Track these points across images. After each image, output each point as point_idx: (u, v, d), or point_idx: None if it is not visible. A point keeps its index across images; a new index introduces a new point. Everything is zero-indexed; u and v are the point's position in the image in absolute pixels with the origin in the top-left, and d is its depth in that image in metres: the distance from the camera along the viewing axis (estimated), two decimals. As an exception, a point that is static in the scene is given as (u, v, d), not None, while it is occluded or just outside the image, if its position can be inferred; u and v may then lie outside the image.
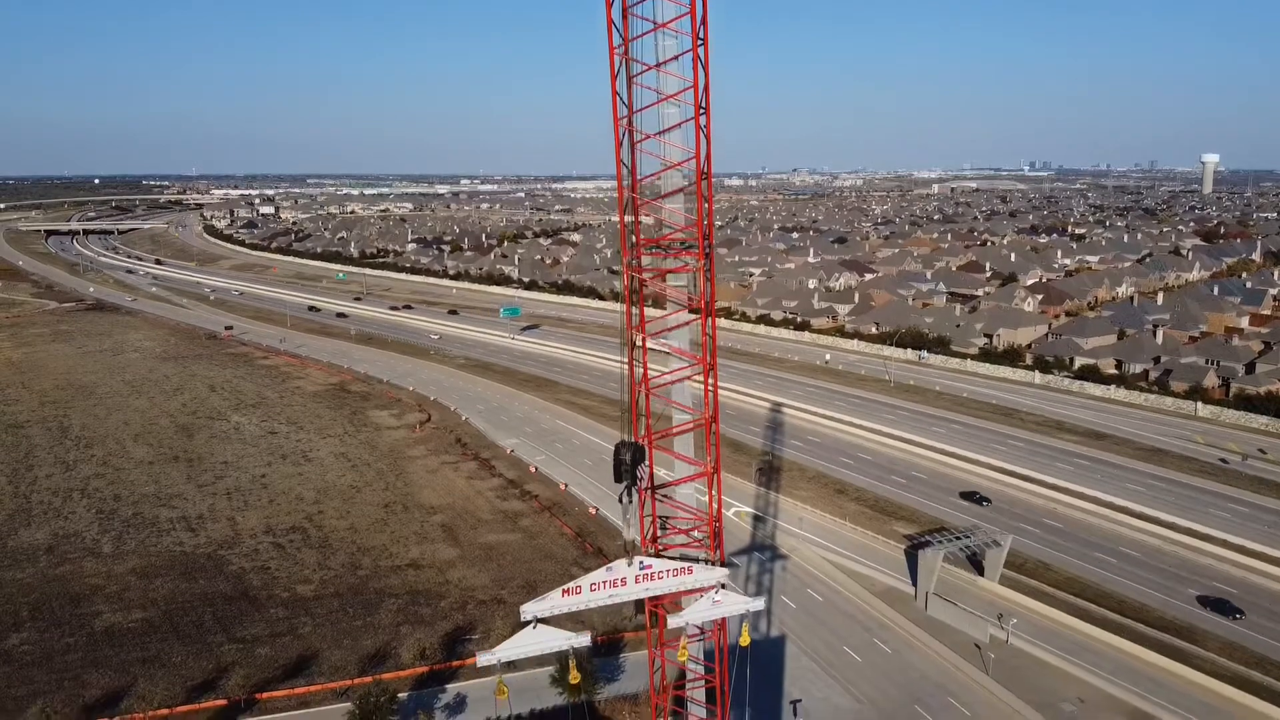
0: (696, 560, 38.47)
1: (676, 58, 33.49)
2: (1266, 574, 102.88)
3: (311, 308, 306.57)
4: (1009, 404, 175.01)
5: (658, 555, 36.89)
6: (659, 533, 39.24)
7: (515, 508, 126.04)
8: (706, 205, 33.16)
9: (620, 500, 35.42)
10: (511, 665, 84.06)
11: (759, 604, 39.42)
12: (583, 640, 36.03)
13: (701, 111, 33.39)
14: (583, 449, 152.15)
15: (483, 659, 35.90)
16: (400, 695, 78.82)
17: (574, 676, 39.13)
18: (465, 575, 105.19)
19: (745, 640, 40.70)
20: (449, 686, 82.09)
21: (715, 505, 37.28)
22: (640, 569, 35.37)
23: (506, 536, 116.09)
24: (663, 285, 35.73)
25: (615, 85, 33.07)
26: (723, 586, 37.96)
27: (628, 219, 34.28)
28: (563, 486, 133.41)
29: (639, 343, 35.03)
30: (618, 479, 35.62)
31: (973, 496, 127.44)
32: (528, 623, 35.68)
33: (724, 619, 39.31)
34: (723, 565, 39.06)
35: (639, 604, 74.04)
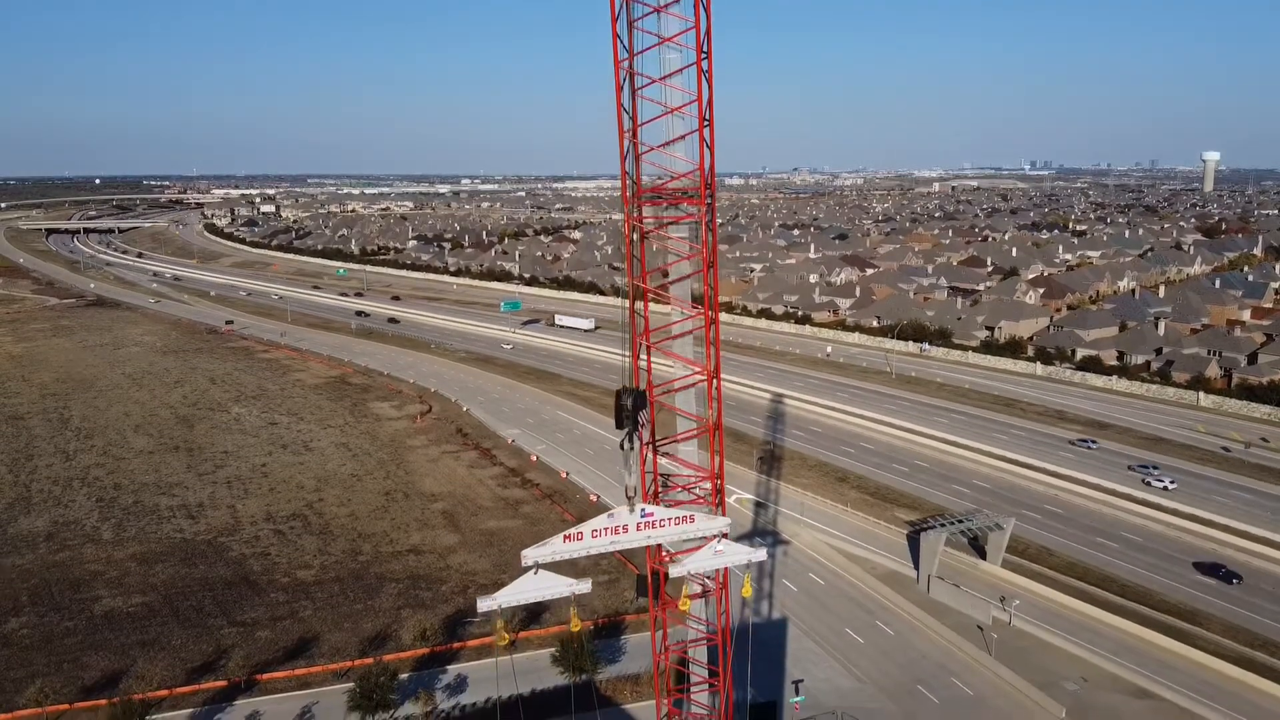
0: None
1: (677, 0, 33.29)
2: (1268, 558, 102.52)
3: (360, 313, 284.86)
4: (1010, 395, 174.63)
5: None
6: (660, 490, 38.91)
7: (516, 495, 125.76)
8: (709, 151, 32.92)
9: (621, 447, 35.14)
10: (513, 645, 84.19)
11: (761, 554, 39.18)
12: (583, 587, 35.78)
13: (704, 55, 33.16)
14: (584, 439, 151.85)
15: (483, 604, 35.62)
16: (401, 676, 78.57)
17: (574, 624, 38.75)
18: (466, 560, 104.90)
19: (747, 591, 40.47)
20: (450, 667, 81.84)
21: (717, 460, 36.97)
22: (642, 516, 35.11)
23: (507, 523, 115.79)
24: (664, 233, 35.50)
25: (616, 28, 32.81)
26: (724, 536, 37.71)
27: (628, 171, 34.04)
28: (563, 475, 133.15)
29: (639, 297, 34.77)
30: (619, 425, 35.32)
31: (1216, 571, 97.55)
32: (528, 568, 35.47)
33: (725, 570, 38.97)
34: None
35: (640, 587, 73.41)
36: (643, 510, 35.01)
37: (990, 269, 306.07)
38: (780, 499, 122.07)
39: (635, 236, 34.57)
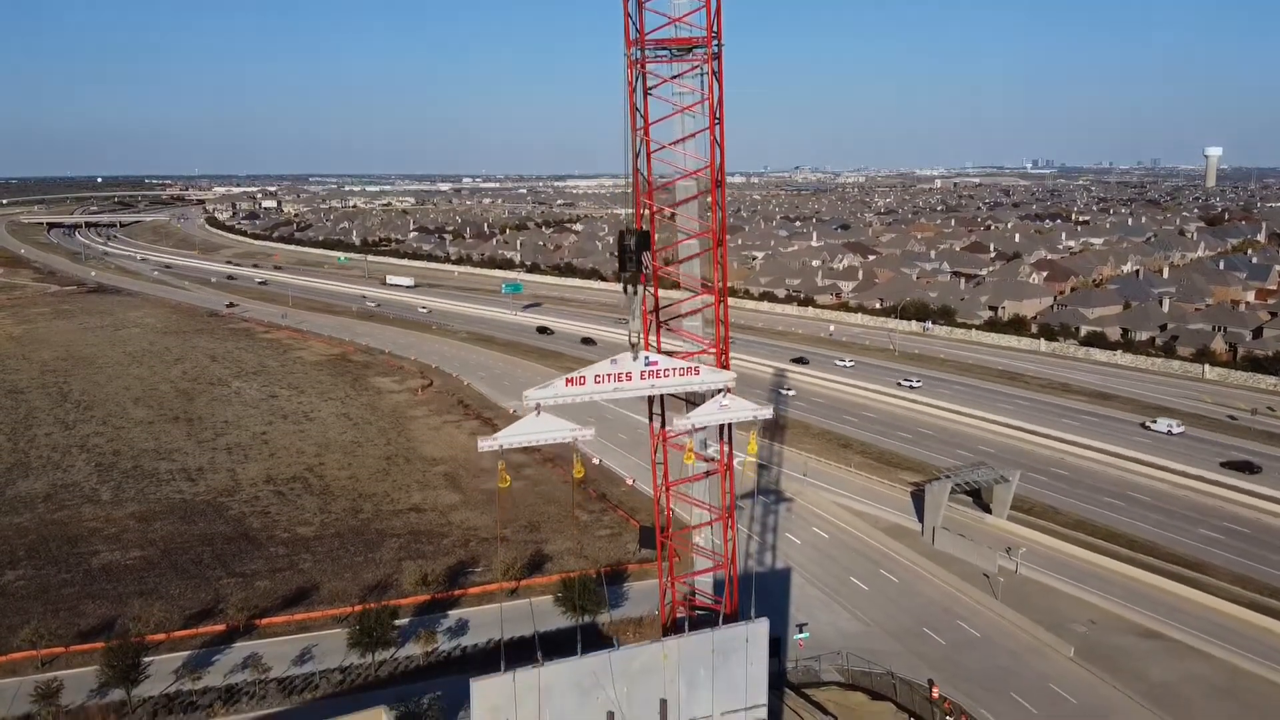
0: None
1: None
2: (1276, 514, 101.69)
3: (542, 329, 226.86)
4: (1014, 369, 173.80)
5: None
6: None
7: (518, 459, 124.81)
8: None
9: (624, 291, 34.32)
10: (514, 593, 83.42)
11: (767, 411, 38.46)
12: (587, 433, 35.00)
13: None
14: (586, 409, 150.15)
15: (483, 444, 34.95)
16: (401, 621, 77.68)
17: (578, 471, 38.02)
18: (468, 517, 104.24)
19: (753, 449, 39.75)
20: (451, 612, 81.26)
21: (721, 329, 36.16)
22: (646, 365, 34.30)
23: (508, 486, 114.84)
24: (667, 78, 34.74)
25: None
26: (729, 391, 36.87)
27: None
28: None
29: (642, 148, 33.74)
30: (622, 268, 34.50)
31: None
32: (531, 409, 34.65)
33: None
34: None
35: (643, 539, 72.32)
36: (647, 358, 34.21)
37: (993, 255, 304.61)
38: (784, 461, 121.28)
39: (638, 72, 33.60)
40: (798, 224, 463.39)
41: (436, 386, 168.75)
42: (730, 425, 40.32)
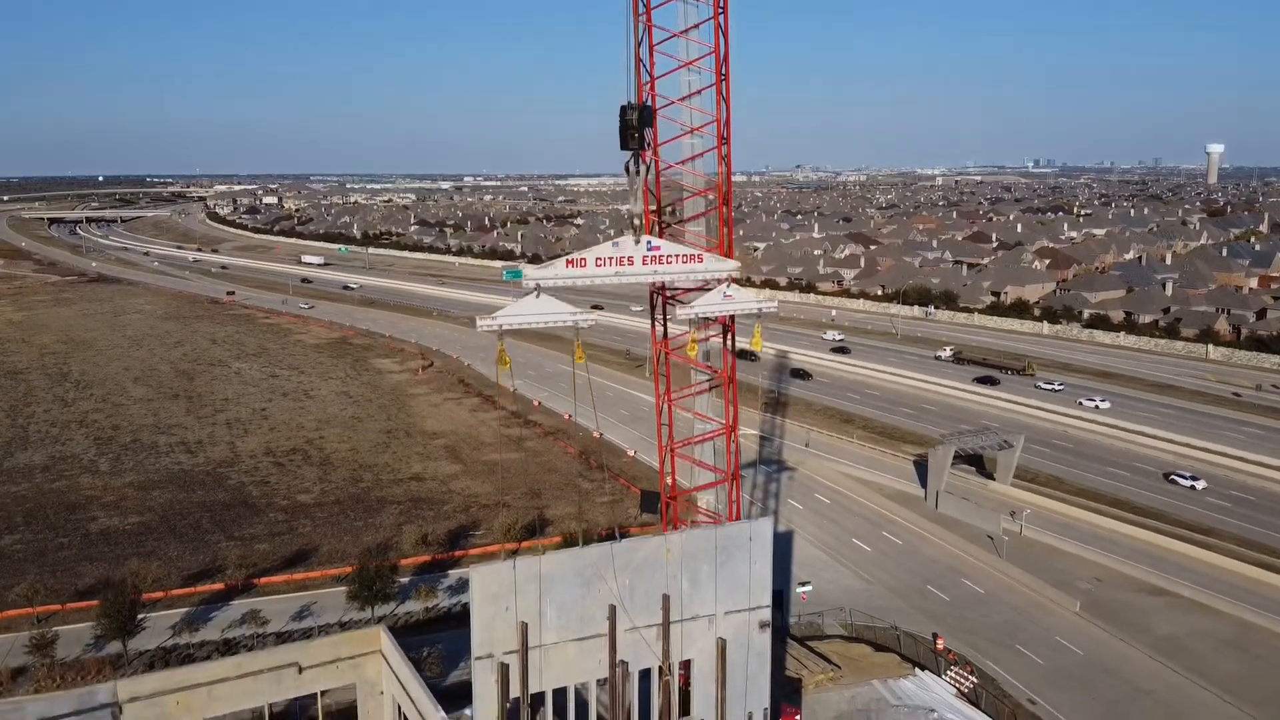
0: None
1: None
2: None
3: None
4: (1017, 351, 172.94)
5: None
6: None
7: (519, 433, 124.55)
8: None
9: (626, 170, 33.62)
10: (515, 554, 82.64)
11: (772, 304, 37.80)
12: (589, 317, 34.37)
13: None
14: (587, 387, 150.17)
15: (482, 324, 34.25)
16: (401, 580, 77.05)
17: (579, 356, 37.46)
18: (468, 485, 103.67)
19: (758, 344, 39.08)
20: (451, 572, 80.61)
21: (725, 233, 35.54)
22: (649, 249, 33.65)
23: (510, 455, 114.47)
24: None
25: None
26: (733, 281, 36.24)
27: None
28: (567, 416, 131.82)
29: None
30: (624, 145, 33.78)
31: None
32: (529, 291, 34.04)
33: (732, 320, 37.48)
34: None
35: (644, 504, 71.50)
36: (649, 242, 33.56)
37: (995, 245, 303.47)
38: (786, 434, 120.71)
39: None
40: (799, 218, 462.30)
41: (437, 367, 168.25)
42: (734, 337, 39.61)
